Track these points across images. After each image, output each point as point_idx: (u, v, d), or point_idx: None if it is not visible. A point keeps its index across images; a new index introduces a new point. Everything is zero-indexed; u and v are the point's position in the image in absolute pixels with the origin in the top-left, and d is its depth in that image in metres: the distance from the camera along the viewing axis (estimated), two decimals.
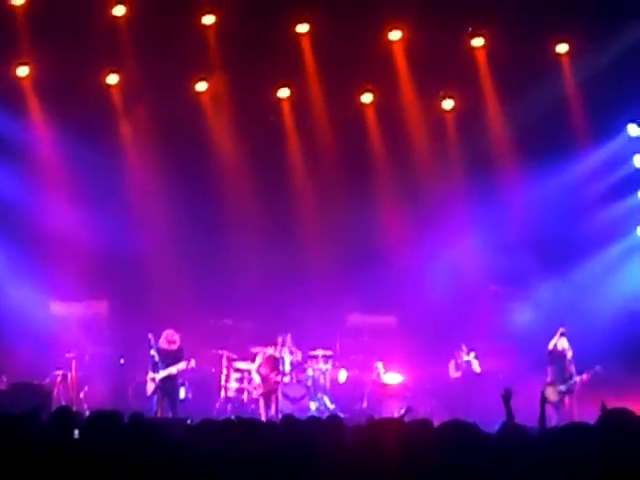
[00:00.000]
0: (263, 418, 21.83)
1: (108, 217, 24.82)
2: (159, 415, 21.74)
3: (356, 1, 24.32)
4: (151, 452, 10.08)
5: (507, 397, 11.85)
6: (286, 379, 24.25)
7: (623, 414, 8.96)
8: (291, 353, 24.34)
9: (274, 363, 23.83)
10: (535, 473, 8.70)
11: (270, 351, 23.87)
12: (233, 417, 13.11)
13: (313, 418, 12.62)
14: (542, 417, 12.01)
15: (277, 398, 23.68)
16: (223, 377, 24.45)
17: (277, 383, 23.77)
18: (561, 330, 23.44)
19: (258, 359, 24.03)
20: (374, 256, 25.91)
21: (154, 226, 25.18)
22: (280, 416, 20.56)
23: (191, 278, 24.55)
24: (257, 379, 23.77)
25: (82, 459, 9.77)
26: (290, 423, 12.05)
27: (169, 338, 23.18)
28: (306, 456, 9.52)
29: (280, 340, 24.05)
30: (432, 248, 25.90)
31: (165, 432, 11.96)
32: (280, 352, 24.03)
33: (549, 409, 21.38)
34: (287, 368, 24.20)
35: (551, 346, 23.66)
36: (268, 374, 23.75)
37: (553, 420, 20.21)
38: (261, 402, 23.65)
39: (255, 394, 23.95)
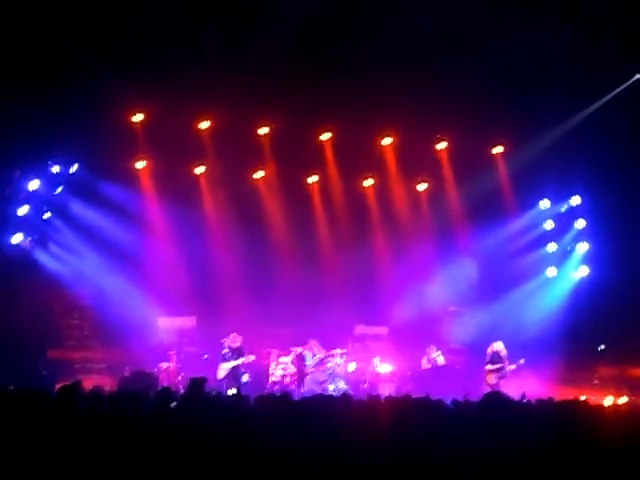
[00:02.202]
0: (296, 397, 21.87)
1: (196, 259, 24.90)
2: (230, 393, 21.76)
3: (361, 119, 24.48)
4: (228, 415, 10.25)
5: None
6: (312, 370, 24.22)
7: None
8: (318, 352, 24.32)
9: (303, 359, 23.95)
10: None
11: (299, 350, 24.01)
12: (279, 394, 13.18)
13: (331, 396, 12.75)
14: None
15: (304, 383, 23.74)
16: (272, 367, 24.41)
17: (306, 373, 23.88)
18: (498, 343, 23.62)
19: (291, 356, 24.16)
20: (372, 286, 25.98)
21: (228, 265, 25.16)
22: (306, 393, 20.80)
23: (252, 301, 24.46)
24: (293, 369, 23.89)
25: (177, 422, 9.94)
26: (317, 398, 12.21)
27: (233, 338, 23.46)
28: (327, 419, 9.70)
29: (310, 343, 24.13)
30: (412, 281, 25.94)
31: (236, 402, 12.15)
32: (308, 350, 24.09)
33: (489, 389, 21.50)
34: (313, 362, 24.14)
35: (491, 347, 23.70)
36: (299, 366, 23.88)
37: None
38: (294, 385, 23.77)
39: (288, 380, 24.03)
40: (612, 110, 24.71)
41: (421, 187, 26.83)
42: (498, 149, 26.15)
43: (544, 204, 26.76)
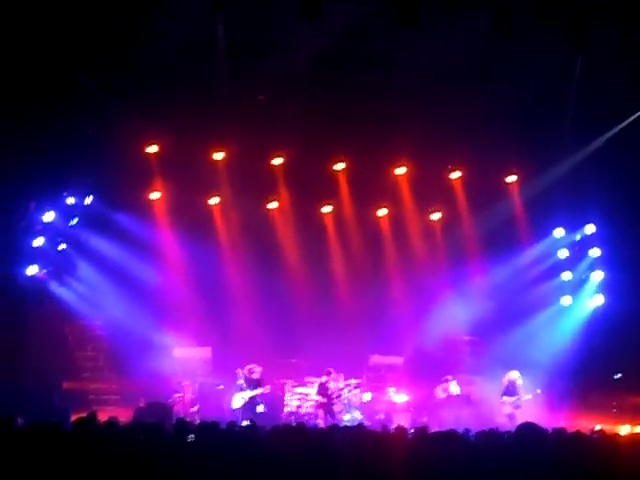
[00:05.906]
0: (323, 424, 21.66)
1: (210, 290, 24.89)
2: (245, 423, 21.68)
3: (374, 149, 24.63)
4: (242, 446, 10.24)
5: None
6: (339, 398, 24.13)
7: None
8: (338, 381, 24.28)
9: (329, 387, 23.85)
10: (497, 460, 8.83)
11: (324, 379, 23.91)
12: (294, 424, 13.14)
13: (347, 426, 12.71)
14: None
15: (333, 410, 23.64)
16: (287, 398, 24.37)
17: (335, 399, 23.78)
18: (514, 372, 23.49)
19: (317, 384, 24.04)
20: (387, 316, 25.83)
21: (242, 296, 25.12)
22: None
23: (267, 333, 24.41)
24: (319, 398, 23.74)
25: (194, 453, 9.92)
26: (334, 429, 12.18)
27: (251, 370, 23.50)
28: (342, 449, 9.68)
29: (333, 373, 24.05)
30: (426, 311, 25.92)
31: (252, 433, 12.13)
32: (334, 380, 24.00)
33: (505, 418, 21.47)
34: (337, 392, 24.11)
35: (507, 377, 23.59)
36: (328, 394, 23.77)
37: (508, 426, 20.02)
38: (320, 413, 23.64)
39: (305, 410, 23.90)
40: (626, 138, 24.74)
41: (435, 216, 26.87)
42: (512, 178, 26.19)
43: (558, 233, 26.75)
